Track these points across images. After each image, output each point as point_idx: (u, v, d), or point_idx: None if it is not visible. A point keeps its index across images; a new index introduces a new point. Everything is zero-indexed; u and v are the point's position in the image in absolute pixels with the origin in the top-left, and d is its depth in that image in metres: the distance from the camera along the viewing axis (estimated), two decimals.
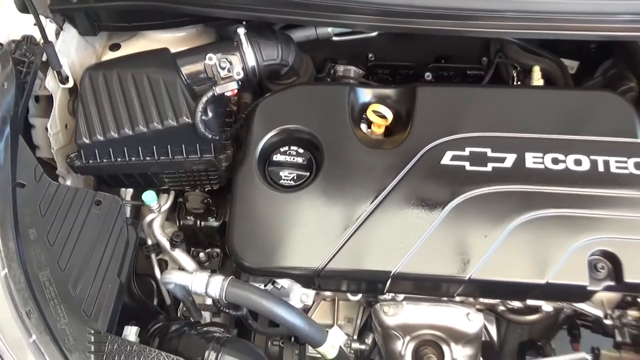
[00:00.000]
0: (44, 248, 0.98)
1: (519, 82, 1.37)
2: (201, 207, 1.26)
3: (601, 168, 1.00)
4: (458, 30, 1.12)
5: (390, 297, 1.16)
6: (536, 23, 1.08)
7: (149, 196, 1.20)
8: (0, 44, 1.17)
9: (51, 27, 1.19)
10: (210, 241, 1.34)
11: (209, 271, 1.02)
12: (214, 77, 1.13)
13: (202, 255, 1.33)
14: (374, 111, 1.11)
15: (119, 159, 1.13)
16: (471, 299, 1.17)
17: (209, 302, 1.30)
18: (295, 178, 1.07)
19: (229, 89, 1.06)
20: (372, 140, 1.11)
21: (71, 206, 1.06)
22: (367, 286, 1.09)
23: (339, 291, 1.17)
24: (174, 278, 0.99)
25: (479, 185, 1.00)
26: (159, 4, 1.14)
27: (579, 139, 1.03)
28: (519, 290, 1.00)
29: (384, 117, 1.10)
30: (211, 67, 1.12)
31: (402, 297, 1.16)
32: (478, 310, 1.17)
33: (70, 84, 1.20)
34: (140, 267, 1.34)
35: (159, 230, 1.26)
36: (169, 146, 1.12)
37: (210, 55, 1.11)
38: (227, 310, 1.08)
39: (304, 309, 1.21)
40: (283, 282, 1.05)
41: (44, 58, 1.15)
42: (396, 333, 1.16)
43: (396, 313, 1.15)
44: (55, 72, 1.17)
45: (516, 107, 1.08)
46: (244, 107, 1.27)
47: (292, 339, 1.32)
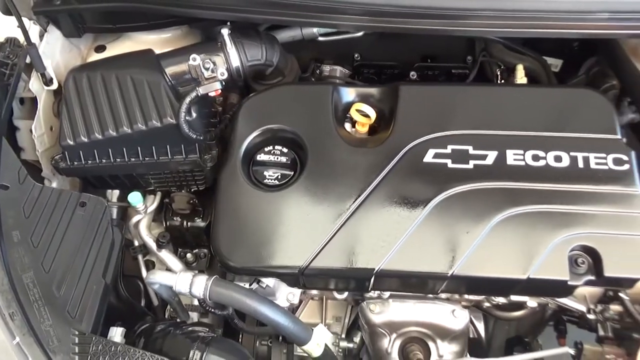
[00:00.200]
0: (27, 250, 0.99)
1: (502, 81, 1.38)
2: (187, 207, 1.26)
3: (581, 164, 1.01)
4: (443, 30, 1.12)
5: (376, 295, 1.16)
6: (517, 22, 1.09)
7: (134, 197, 1.20)
8: None
9: (35, 29, 1.19)
10: (198, 242, 1.34)
11: (195, 271, 1.02)
12: (198, 78, 1.13)
13: (190, 255, 1.33)
14: (357, 110, 1.11)
15: (104, 161, 1.13)
16: (457, 296, 1.18)
17: (196, 303, 1.30)
18: (280, 177, 1.07)
19: (212, 89, 1.06)
20: (355, 139, 1.11)
21: (55, 208, 1.06)
22: (352, 284, 1.09)
23: (324, 289, 1.18)
24: (158, 278, 0.99)
25: (460, 182, 1.01)
26: (142, 5, 1.14)
27: (560, 135, 1.04)
28: (501, 285, 1.01)
29: (367, 116, 1.11)
30: (195, 68, 1.12)
31: (388, 294, 1.16)
32: (464, 307, 1.18)
33: (55, 86, 1.20)
34: (128, 268, 1.34)
35: (145, 232, 1.25)
36: (153, 147, 1.12)
37: (194, 56, 1.11)
38: (212, 310, 1.08)
39: (290, 307, 1.22)
40: (268, 281, 1.06)
41: (28, 60, 1.15)
42: (383, 331, 1.16)
43: (382, 311, 1.16)
44: (39, 74, 1.17)
45: (498, 104, 1.09)
46: (230, 108, 1.27)
47: (280, 338, 1.33)
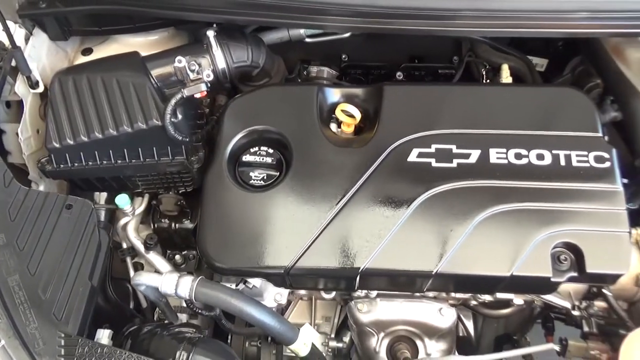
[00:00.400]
0: (13, 253, 0.98)
1: (488, 80, 1.39)
2: (175, 209, 1.26)
3: (563, 162, 1.02)
4: (429, 30, 1.14)
5: (363, 294, 1.17)
6: (500, 22, 1.10)
7: (121, 199, 1.20)
8: None
9: (20, 32, 1.19)
10: (187, 243, 1.34)
11: (184, 272, 1.03)
12: (184, 80, 1.14)
13: (178, 257, 1.33)
14: (342, 110, 1.12)
15: (90, 163, 1.13)
16: (444, 294, 1.19)
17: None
18: (265, 178, 1.08)
19: (197, 91, 1.07)
20: (340, 139, 1.12)
21: (41, 211, 1.06)
22: (338, 283, 1.10)
23: (311, 289, 1.18)
24: (144, 280, 0.99)
25: (444, 181, 1.02)
26: (127, 7, 1.14)
27: (542, 134, 1.05)
28: (485, 283, 1.02)
29: (352, 116, 1.11)
30: (180, 70, 1.12)
31: (375, 294, 1.17)
32: (451, 305, 1.19)
33: (41, 89, 1.20)
34: (117, 270, 1.34)
35: (133, 234, 1.25)
36: (140, 149, 1.12)
37: (179, 57, 1.11)
38: (200, 311, 1.09)
39: (278, 308, 1.22)
40: (255, 282, 1.06)
41: (13, 63, 1.15)
42: (370, 330, 1.17)
43: (370, 310, 1.17)
44: (24, 77, 1.17)
45: (481, 104, 1.10)
46: (218, 109, 1.28)
47: (269, 339, 1.33)
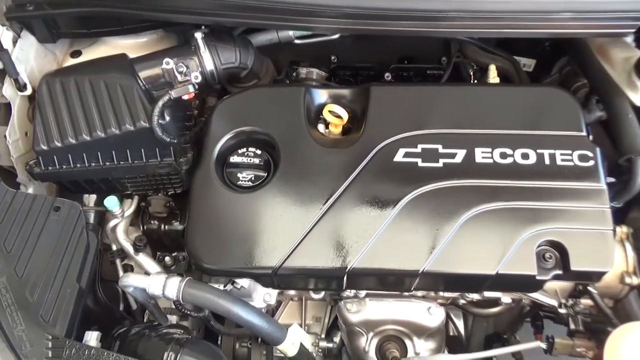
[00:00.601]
0: (0, 255, 0.98)
1: (476, 81, 1.40)
2: (164, 211, 1.26)
3: (547, 161, 1.03)
4: (416, 31, 1.14)
5: (352, 294, 1.17)
6: (484, 22, 1.11)
7: (110, 201, 1.20)
8: None
9: (8, 35, 1.19)
10: (176, 245, 1.34)
11: (173, 274, 1.03)
12: (172, 82, 1.14)
13: (168, 259, 1.33)
14: (329, 111, 1.12)
15: (79, 165, 1.13)
16: (432, 294, 1.19)
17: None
18: (253, 179, 1.08)
19: (185, 92, 1.07)
20: (327, 139, 1.12)
21: (29, 213, 1.06)
22: (326, 283, 1.10)
23: (299, 289, 1.18)
24: (131, 281, 0.99)
25: (430, 180, 1.03)
26: (115, 10, 1.15)
27: (527, 133, 1.06)
28: (472, 281, 1.02)
29: (339, 117, 1.12)
30: (168, 72, 1.13)
31: (364, 293, 1.17)
32: (440, 304, 1.20)
33: (29, 92, 1.20)
34: (107, 273, 1.34)
35: (122, 236, 1.25)
36: (128, 151, 1.13)
37: (167, 59, 1.12)
38: (188, 312, 1.09)
39: (268, 308, 1.23)
40: (243, 282, 1.06)
41: (1, 66, 1.14)
42: (360, 329, 1.17)
43: (359, 310, 1.17)
44: (12, 80, 1.17)
45: (466, 104, 1.11)
46: (207, 111, 1.28)
47: (259, 340, 1.33)
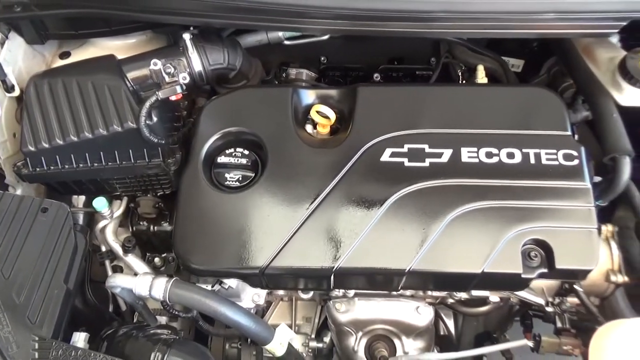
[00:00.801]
0: None
1: (464, 81, 1.41)
2: (153, 211, 1.26)
3: (533, 160, 1.04)
4: (406, 32, 1.15)
5: (341, 293, 1.18)
6: (473, 23, 1.11)
7: (99, 202, 1.20)
8: None
9: None
10: (166, 245, 1.33)
11: (164, 275, 1.02)
12: (160, 82, 1.14)
13: (158, 260, 1.33)
14: (317, 112, 1.13)
15: (67, 166, 1.13)
16: (421, 293, 1.20)
17: None
18: (241, 179, 1.09)
19: (172, 93, 1.07)
20: (315, 140, 1.13)
21: (16, 214, 1.05)
22: (313, 283, 1.11)
23: (287, 289, 1.19)
24: (118, 282, 0.99)
25: (417, 180, 1.03)
26: (103, 11, 1.15)
27: (513, 133, 1.07)
28: (458, 280, 1.03)
29: (327, 117, 1.12)
30: (156, 73, 1.13)
31: (353, 293, 1.18)
32: (429, 303, 1.20)
33: (17, 93, 1.19)
34: (96, 274, 1.34)
35: (111, 237, 1.25)
36: (116, 152, 1.13)
37: (155, 60, 1.12)
38: (177, 312, 1.09)
39: (258, 308, 1.23)
40: (231, 282, 1.07)
41: None
42: (349, 329, 1.18)
43: (348, 309, 1.18)
44: (0, 81, 1.17)
45: (453, 104, 1.11)
46: (197, 112, 1.28)
47: (249, 340, 1.33)
